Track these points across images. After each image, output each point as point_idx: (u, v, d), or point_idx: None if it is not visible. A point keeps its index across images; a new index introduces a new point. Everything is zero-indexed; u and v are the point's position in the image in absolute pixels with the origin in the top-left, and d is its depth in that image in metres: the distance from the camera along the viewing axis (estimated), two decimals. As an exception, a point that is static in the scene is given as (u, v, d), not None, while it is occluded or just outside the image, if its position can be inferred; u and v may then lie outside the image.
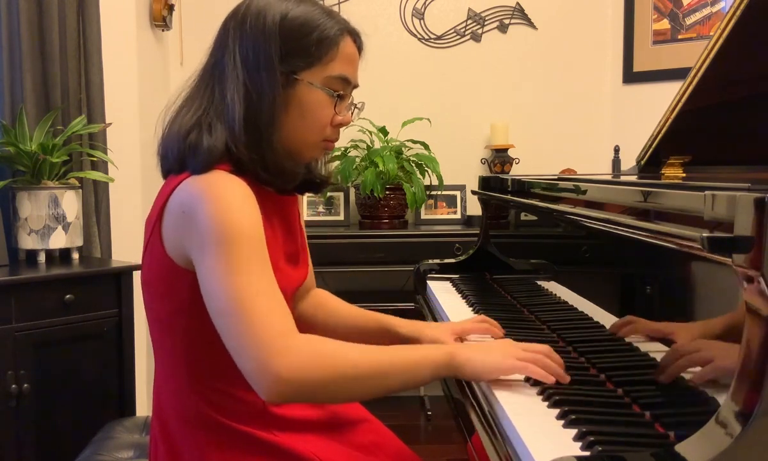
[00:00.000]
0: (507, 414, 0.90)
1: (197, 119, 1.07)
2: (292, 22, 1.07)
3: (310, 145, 1.13)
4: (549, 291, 1.46)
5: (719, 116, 1.52)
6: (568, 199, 1.29)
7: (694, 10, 3.05)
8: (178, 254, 1.02)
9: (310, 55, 1.08)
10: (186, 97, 1.12)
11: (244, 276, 0.95)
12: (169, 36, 3.12)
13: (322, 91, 1.09)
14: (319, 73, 1.09)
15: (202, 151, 1.03)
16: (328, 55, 1.08)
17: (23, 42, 2.13)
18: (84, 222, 2.29)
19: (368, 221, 3.06)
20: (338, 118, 1.12)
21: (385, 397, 1.01)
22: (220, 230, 0.95)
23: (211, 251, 0.95)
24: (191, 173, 1.03)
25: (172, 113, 1.11)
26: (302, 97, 1.08)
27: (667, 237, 0.84)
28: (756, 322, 0.67)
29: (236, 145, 1.04)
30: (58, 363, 1.96)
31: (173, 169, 1.08)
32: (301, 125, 1.10)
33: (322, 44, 1.08)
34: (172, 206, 1.03)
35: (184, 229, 1.00)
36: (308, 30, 1.07)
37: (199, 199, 0.98)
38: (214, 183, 1.00)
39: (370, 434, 1.22)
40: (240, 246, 0.95)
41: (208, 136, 1.04)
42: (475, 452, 1.05)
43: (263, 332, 0.92)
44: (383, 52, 3.24)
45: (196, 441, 1.08)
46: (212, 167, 1.03)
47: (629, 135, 3.05)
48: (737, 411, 0.67)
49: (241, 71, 1.06)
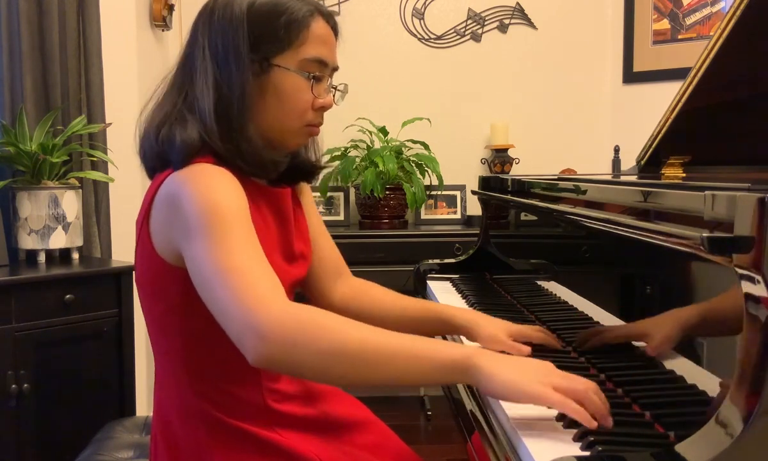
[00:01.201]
0: (507, 413, 0.90)
1: (167, 113, 1.07)
2: (259, 8, 1.07)
3: (292, 132, 1.11)
4: (549, 291, 1.46)
5: (719, 116, 1.52)
6: (568, 199, 1.29)
7: (694, 10, 3.05)
8: (168, 249, 1.02)
9: (279, 39, 1.07)
10: (160, 96, 1.12)
11: (227, 249, 0.93)
12: (169, 36, 3.12)
13: (297, 74, 1.08)
14: (292, 56, 1.07)
15: (177, 145, 1.03)
16: (299, 37, 1.07)
17: (23, 42, 2.13)
18: (84, 222, 2.29)
19: (368, 221, 3.06)
20: (319, 101, 1.11)
21: (385, 397, 0.99)
22: (203, 211, 0.95)
23: (196, 234, 0.95)
24: (174, 169, 1.03)
25: (148, 110, 1.11)
26: (278, 83, 1.07)
27: (667, 237, 0.84)
28: (756, 322, 0.67)
29: (210, 136, 1.04)
30: (58, 363, 1.96)
31: (156, 167, 1.09)
32: (280, 111, 1.09)
33: (292, 27, 1.07)
34: (159, 202, 1.03)
35: (170, 221, 1.00)
36: (277, 14, 1.07)
37: (182, 188, 0.98)
38: (197, 172, 1.00)
39: (371, 434, 1.22)
40: (224, 224, 0.94)
41: (182, 129, 1.04)
42: (475, 452, 1.04)
43: (246, 295, 0.90)
44: (383, 52, 3.24)
45: (196, 440, 1.08)
46: (193, 159, 1.03)
47: (629, 135, 3.05)
48: (737, 411, 0.67)
49: (210, 63, 1.06)
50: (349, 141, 3.08)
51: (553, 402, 0.83)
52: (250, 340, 0.88)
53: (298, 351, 0.88)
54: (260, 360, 0.89)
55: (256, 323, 0.88)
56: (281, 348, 0.88)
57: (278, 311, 0.89)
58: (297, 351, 0.88)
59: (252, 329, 0.88)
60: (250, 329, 0.88)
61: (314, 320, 0.90)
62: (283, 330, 0.88)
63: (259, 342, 0.88)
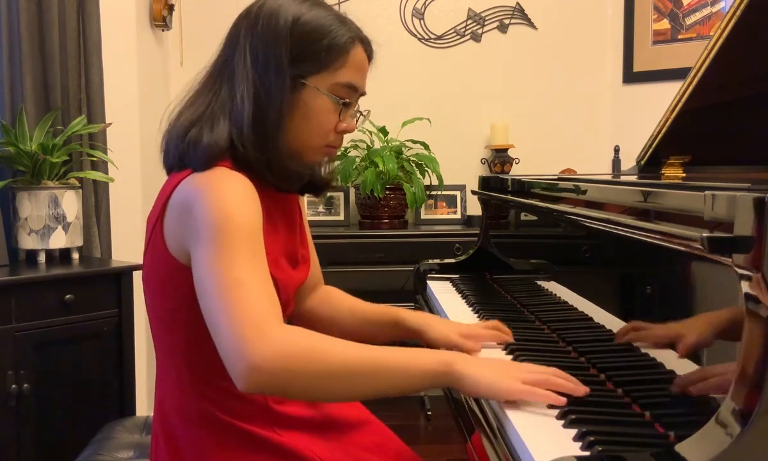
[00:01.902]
0: (507, 413, 0.90)
1: (200, 114, 1.07)
2: (303, 27, 1.07)
3: (312, 149, 1.13)
4: (549, 291, 1.46)
5: (719, 116, 1.52)
6: (568, 199, 1.29)
7: (694, 10, 3.05)
8: (180, 251, 1.02)
9: (319, 60, 1.07)
10: (193, 93, 1.11)
11: (232, 263, 0.93)
12: (169, 36, 3.12)
13: (328, 97, 1.09)
14: (326, 79, 1.08)
15: (202, 147, 1.03)
16: (338, 62, 1.08)
17: (23, 42, 2.13)
18: (84, 222, 2.29)
19: (368, 221, 3.06)
20: (342, 125, 1.12)
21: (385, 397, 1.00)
22: (216, 221, 0.95)
23: (205, 241, 0.95)
24: (193, 170, 1.03)
25: (177, 108, 1.11)
26: (308, 102, 1.08)
27: (667, 237, 0.84)
28: (756, 322, 0.67)
29: (243, 144, 1.05)
30: (58, 363, 1.95)
31: (174, 165, 1.09)
32: (305, 129, 1.10)
33: (333, 51, 1.08)
34: (174, 203, 1.03)
35: (184, 224, 1.00)
36: (319, 35, 1.07)
37: (199, 193, 0.98)
38: (215, 179, 1.00)
39: (372, 434, 1.22)
40: (233, 236, 0.95)
41: (209, 132, 1.04)
42: (475, 452, 1.04)
43: (241, 318, 0.90)
44: (383, 52, 3.23)
45: (197, 439, 1.08)
46: (213, 163, 1.03)
47: (629, 135, 3.05)
48: (737, 411, 0.67)
49: (251, 71, 1.06)
50: (349, 141, 3.08)
51: (523, 396, 0.91)
52: (239, 368, 0.88)
53: (289, 378, 0.89)
54: (250, 389, 0.90)
55: (249, 353, 0.87)
56: (272, 377, 0.88)
57: (270, 342, 0.88)
58: (283, 379, 0.89)
59: (244, 360, 0.88)
60: (242, 360, 0.88)
61: (306, 346, 0.91)
62: (275, 362, 0.88)
63: (250, 373, 0.88)
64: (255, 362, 0.87)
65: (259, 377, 0.88)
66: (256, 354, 0.87)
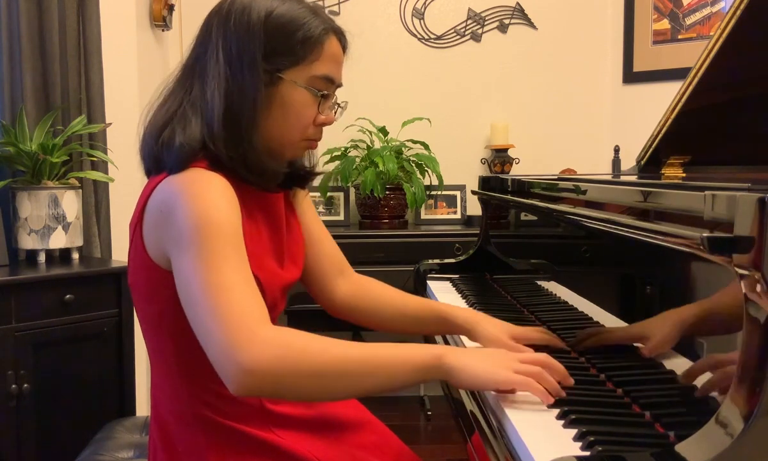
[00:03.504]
0: (507, 413, 0.90)
1: (171, 114, 1.06)
2: (277, 20, 1.06)
3: (291, 144, 1.11)
4: (549, 291, 1.46)
5: (719, 116, 1.52)
6: (568, 199, 1.29)
7: (694, 10, 3.05)
8: (159, 255, 1.02)
9: (294, 54, 1.06)
10: (166, 94, 1.10)
11: (216, 268, 0.93)
12: (169, 36, 3.12)
13: (306, 90, 1.07)
14: (303, 72, 1.07)
15: (175, 148, 1.02)
16: (313, 54, 1.07)
17: (23, 42, 2.13)
18: (84, 222, 2.29)
19: (368, 221, 3.06)
20: (321, 117, 1.11)
21: (385, 397, 0.99)
22: (196, 225, 0.94)
23: (185, 246, 0.95)
24: (168, 173, 1.02)
25: (151, 111, 1.10)
26: (285, 96, 1.07)
27: (667, 237, 0.84)
28: (756, 322, 0.67)
29: (214, 142, 1.03)
30: (58, 363, 1.96)
31: (151, 168, 1.08)
32: (283, 123, 1.08)
33: (307, 43, 1.06)
34: (152, 208, 1.02)
35: (163, 228, 0.99)
36: (293, 28, 1.06)
37: (176, 197, 0.98)
38: (191, 181, 0.99)
39: (371, 434, 1.22)
40: (214, 240, 0.94)
41: (182, 132, 1.03)
42: (475, 452, 1.04)
43: (230, 322, 0.90)
44: (383, 52, 3.24)
45: (194, 441, 1.07)
46: (188, 164, 1.02)
47: (629, 135, 3.05)
48: (737, 411, 0.67)
49: (223, 67, 1.05)
50: (349, 141, 3.08)
51: (516, 384, 0.93)
52: (230, 372, 0.89)
53: (276, 381, 0.90)
54: (243, 393, 0.91)
55: (240, 358, 0.88)
56: (264, 380, 0.89)
57: (260, 345, 0.89)
58: (274, 381, 0.90)
59: (236, 365, 0.88)
60: (233, 365, 0.88)
61: (296, 347, 0.91)
62: (266, 365, 0.88)
63: (243, 376, 0.88)
64: (246, 366, 0.88)
65: (252, 380, 0.88)
66: (247, 357, 0.88)
